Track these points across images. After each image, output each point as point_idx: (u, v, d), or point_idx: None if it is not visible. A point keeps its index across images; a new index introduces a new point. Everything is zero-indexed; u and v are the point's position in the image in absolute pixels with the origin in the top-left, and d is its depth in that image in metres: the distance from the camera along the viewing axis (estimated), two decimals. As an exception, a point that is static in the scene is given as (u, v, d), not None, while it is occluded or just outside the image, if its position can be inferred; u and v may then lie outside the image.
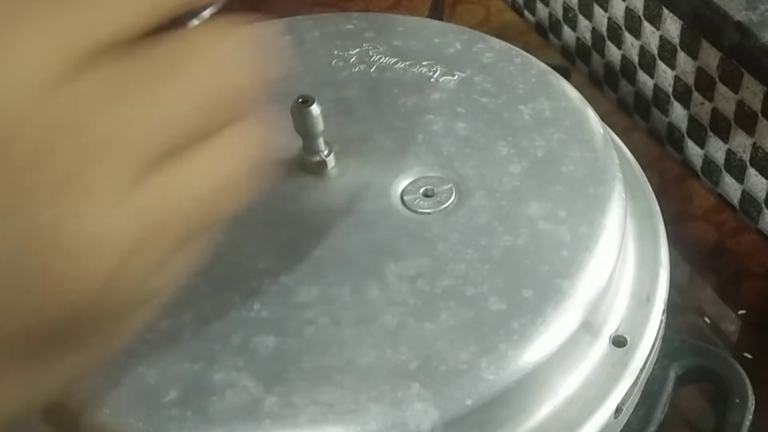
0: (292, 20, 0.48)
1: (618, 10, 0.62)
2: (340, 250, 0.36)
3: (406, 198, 0.38)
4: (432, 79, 0.43)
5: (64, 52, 0.20)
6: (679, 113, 0.60)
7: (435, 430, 0.31)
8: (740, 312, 0.53)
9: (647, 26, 0.59)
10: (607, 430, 0.36)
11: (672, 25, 0.57)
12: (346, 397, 0.32)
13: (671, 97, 0.60)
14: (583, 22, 0.66)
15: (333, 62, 0.44)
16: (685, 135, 0.60)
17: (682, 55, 0.57)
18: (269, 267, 0.36)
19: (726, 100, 0.55)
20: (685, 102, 0.58)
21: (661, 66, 0.59)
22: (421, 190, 0.38)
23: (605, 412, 0.35)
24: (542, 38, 0.72)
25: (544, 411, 0.35)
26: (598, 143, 0.40)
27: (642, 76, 0.62)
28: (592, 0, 0.64)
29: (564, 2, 0.67)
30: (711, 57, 0.54)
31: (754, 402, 0.40)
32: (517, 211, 0.37)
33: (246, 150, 0.24)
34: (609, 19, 0.63)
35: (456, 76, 0.43)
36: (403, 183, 0.39)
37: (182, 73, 0.22)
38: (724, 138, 0.56)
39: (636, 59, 0.62)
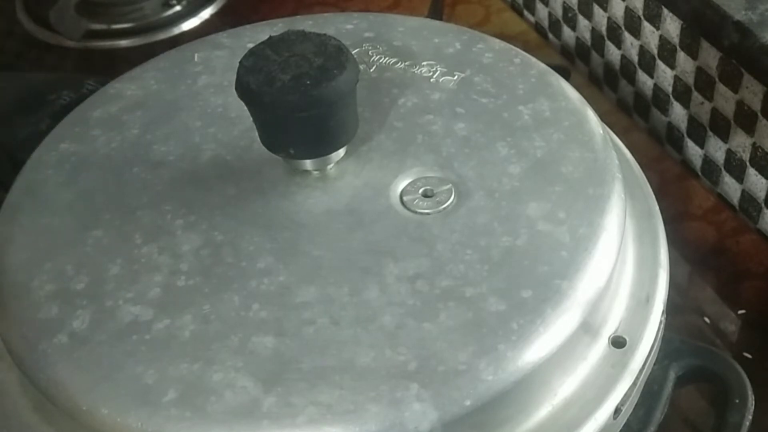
0: (292, 20, 0.48)
1: (618, 9, 0.62)
2: (339, 251, 0.36)
3: (405, 198, 0.38)
4: (432, 80, 0.43)
5: None
6: (678, 113, 0.60)
7: (434, 430, 0.31)
8: (740, 312, 0.53)
9: (647, 26, 0.59)
10: (607, 431, 0.36)
11: (672, 25, 0.57)
12: (345, 397, 0.32)
13: (671, 96, 0.60)
14: (582, 22, 0.66)
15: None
16: (685, 135, 0.60)
17: (681, 55, 0.57)
18: (268, 267, 0.36)
19: (726, 99, 0.55)
20: (685, 102, 0.58)
21: (661, 66, 0.59)
22: (421, 191, 0.38)
23: (604, 412, 0.35)
24: (542, 38, 0.72)
25: (543, 412, 0.35)
26: (597, 144, 0.40)
27: (642, 76, 0.62)
28: (591, 0, 0.64)
29: (563, 2, 0.67)
30: (711, 57, 0.54)
31: (754, 402, 0.40)
32: (517, 212, 0.37)
33: None
34: (609, 19, 0.63)
35: (456, 77, 0.43)
36: (402, 183, 0.39)
37: None
38: (724, 138, 0.56)
39: (636, 59, 0.62)
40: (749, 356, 0.50)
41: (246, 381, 0.32)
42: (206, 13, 0.75)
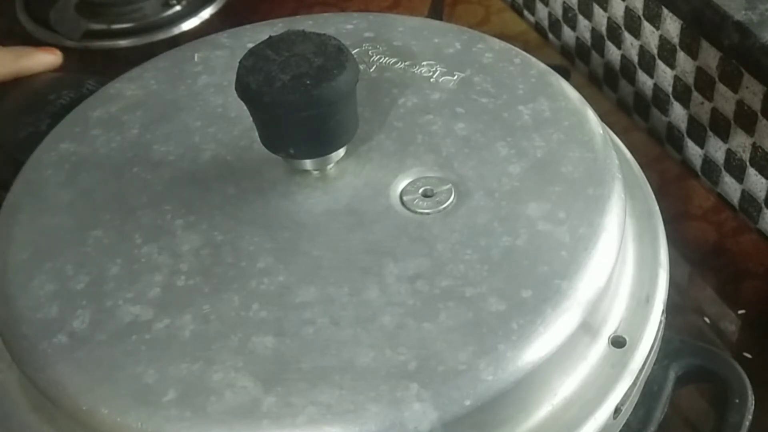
0: (292, 20, 0.48)
1: (617, 9, 0.62)
2: (339, 251, 0.36)
3: (405, 198, 0.38)
4: (431, 80, 0.43)
5: None
6: (678, 113, 0.60)
7: (434, 430, 0.31)
8: (740, 312, 0.53)
9: (647, 26, 0.59)
10: (606, 431, 0.36)
11: (672, 25, 0.57)
12: (345, 397, 0.32)
13: (671, 96, 0.60)
14: (582, 22, 0.66)
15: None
16: (685, 135, 0.60)
17: (681, 55, 0.57)
18: (268, 267, 0.36)
19: (726, 99, 0.55)
20: (685, 102, 0.58)
21: (661, 66, 0.59)
22: (421, 191, 0.38)
23: (604, 412, 0.35)
24: (542, 38, 0.72)
25: (543, 411, 0.35)
26: (597, 144, 0.40)
27: (642, 76, 0.62)
28: (591, 0, 0.64)
29: (563, 2, 0.67)
30: (711, 57, 0.54)
31: (754, 402, 0.40)
32: (517, 212, 0.37)
33: None
34: (609, 18, 0.63)
35: (455, 76, 0.43)
36: (402, 183, 0.39)
37: None
38: (724, 138, 0.56)
39: (635, 59, 0.62)
40: (749, 356, 0.50)
41: (246, 381, 0.32)
42: (206, 13, 0.75)
